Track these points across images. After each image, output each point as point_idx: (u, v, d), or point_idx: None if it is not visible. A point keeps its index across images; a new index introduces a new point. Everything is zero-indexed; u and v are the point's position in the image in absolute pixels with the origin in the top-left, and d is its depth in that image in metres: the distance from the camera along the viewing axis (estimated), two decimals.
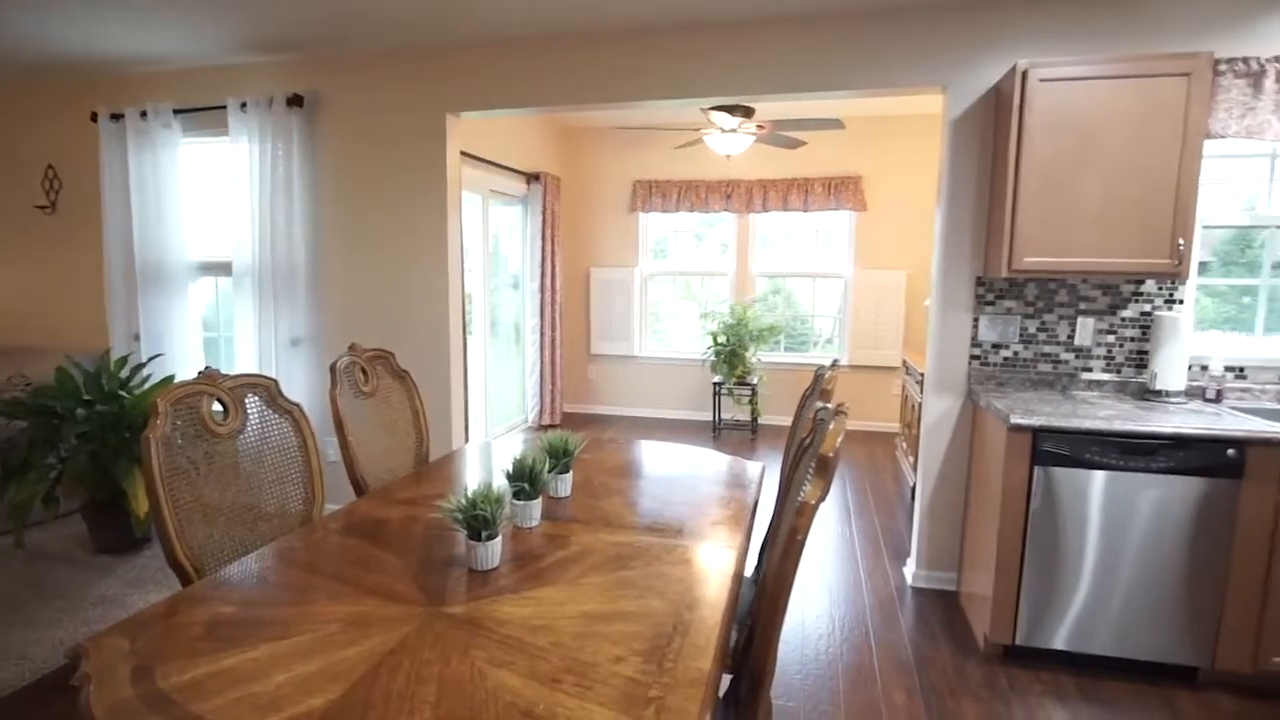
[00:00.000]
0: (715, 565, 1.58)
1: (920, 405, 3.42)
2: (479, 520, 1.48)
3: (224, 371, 1.86)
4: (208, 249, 4.15)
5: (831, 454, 1.14)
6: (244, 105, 3.73)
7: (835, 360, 2.37)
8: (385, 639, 1.25)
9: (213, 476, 1.77)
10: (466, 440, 4.27)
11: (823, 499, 1.17)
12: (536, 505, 1.77)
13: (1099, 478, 2.44)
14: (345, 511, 1.91)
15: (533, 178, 5.91)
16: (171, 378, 3.70)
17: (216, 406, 1.82)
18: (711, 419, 6.23)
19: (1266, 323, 3.01)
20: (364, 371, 2.37)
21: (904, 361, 5.17)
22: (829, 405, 1.30)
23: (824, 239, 6.41)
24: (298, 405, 2.02)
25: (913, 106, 5.52)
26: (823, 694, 2.43)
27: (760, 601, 1.28)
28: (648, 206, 6.52)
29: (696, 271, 6.74)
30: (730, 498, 2.03)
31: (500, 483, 1.78)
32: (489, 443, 2.77)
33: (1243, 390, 2.85)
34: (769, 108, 4.91)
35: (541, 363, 6.17)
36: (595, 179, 6.68)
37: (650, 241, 6.80)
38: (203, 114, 3.86)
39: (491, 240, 5.67)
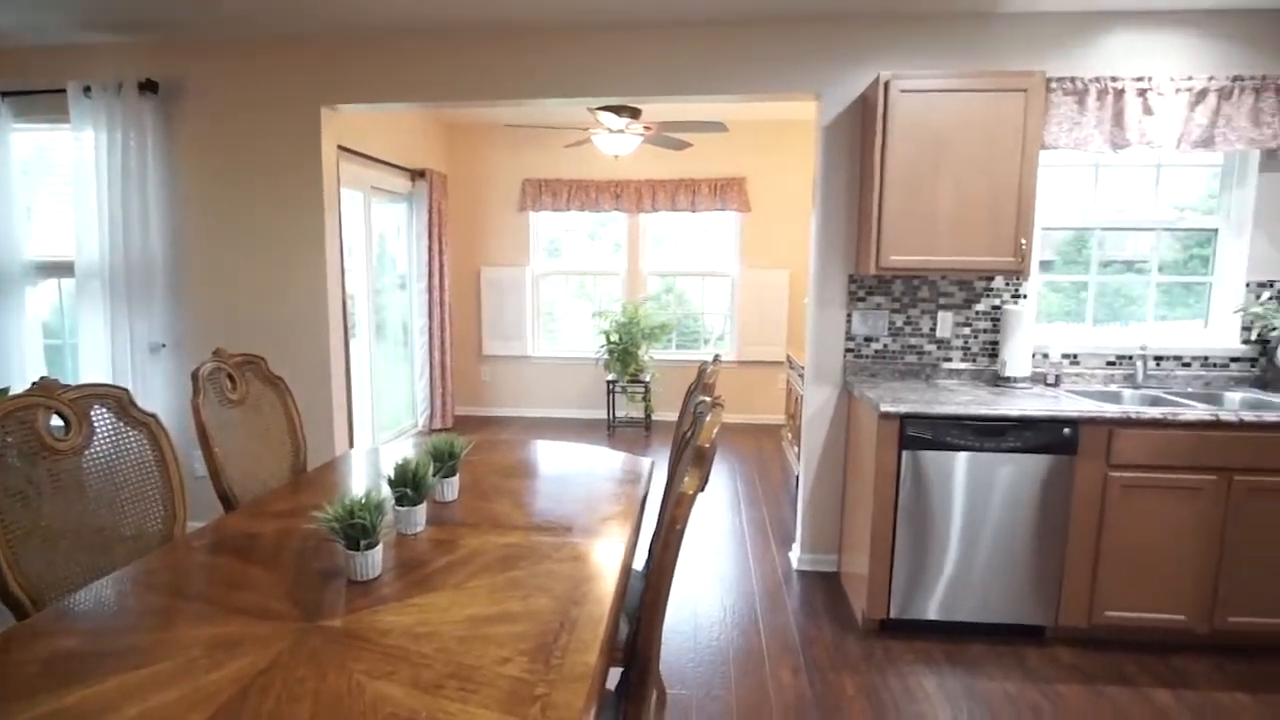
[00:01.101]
0: (604, 560, 1.60)
1: (802, 397, 3.59)
2: (357, 529, 1.42)
3: (68, 382, 1.70)
4: (49, 248, 3.76)
5: (708, 445, 1.19)
6: (88, 90, 3.40)
7: (717, 356, 2.45)
8: (255, 659, 1.19)
9: (56, 498, 1.61)
10: (351, 447, 4.09)
11: (701, 489, 1.21)
12: (421, 511, 1.73)
13: (960, 458, 2.65)
14: (212, 528, 1.79)
15: (418, 175, 5.73)
16: (5, 390, 3.32)
17: (56, 420, 1.65)
18: (606, 417, 6.27)
19: (1095, 315, 3.37)
20: (231, 378, 2.23)
21: (788, 356, 5.40)
22: (707, 399, 1.35)
23: (712, 239, 6.59)
24: (154, 416, 1.87)
25: (793, 112, 5.77)
26: (715, 679, 2.51)
27: (644, 592, 1.31)
28: (538, 205, 6.47)
29: (589, 271, 6.76)
30: (619, 493, 2.06)
31: (383, 489, 1.73)
32: (376, 448, 2.67)
33: (1077, 375, 3.18)
34: (655, 109, 5.00)
35: (431, 365, 6.00)
36: (484, 177, 6.56)
37: (542, 240, 6.75)
38: (38, 98, 3.48)
39: (376, 239, 5.45)
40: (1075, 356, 3.19)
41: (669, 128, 4.90)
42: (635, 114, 4.73)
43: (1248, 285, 3.11)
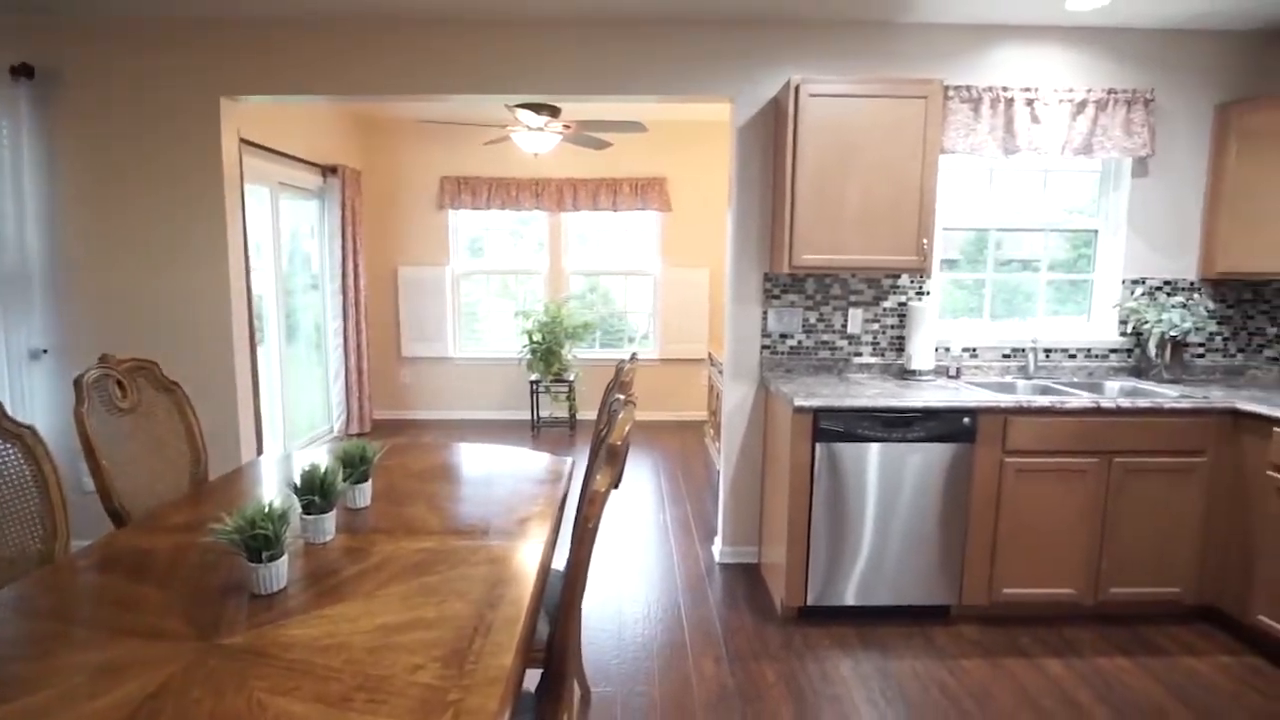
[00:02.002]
0: (522, 561, 1.58)
1: (723, 394, 3.66)
2: (259, 540, 1.37)
3: None
4: None
5: (619, 443, 1.20)
6: None
7: (634, 354, 2.47)
8: (144, 683, 1.12)
9: None
10: (260, 455, 3.90)
11: (614, 486, 1.22)
12: (330, 519, 1.67)
13: (870, 449, 2.77)
14: (100, 546, 1.67)
15: (329, 170, 5.52)
16: None
17: None
18: (530, 417, 6.21)
19: (996, 310, 3.57)
20: (120, 385, 2.09)
21: (709, 354, 5.49)
22: (621, 397, 1.36)
23: (634, 238, 6.62)
24: (30, 428, 1.74)
25: (711, 114, 5.87)
26: (638, 675, 2.53)
27: (561, 591, 1.31)
28: (457, 203, 6.35)
29: (512, 270, 6.68)
30: (539, 494, 2.05)
31: (290, 498, 1.66)
32: (288, 455, 2.56)
33: (976, 367, 3.37)
34: (575, 108, 4.98)
35: (347, 368, 5.79)
36: (400, 174, 6.38)
37: (463, 239, 6.63)
38: None
39: (288, 237, 5.22)
40: (975, 350, 3.37)
41: (588, 127, 4.89)
42: (554, 112, 4.71)
43: (1123, 282, 3.37)
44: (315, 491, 1.63)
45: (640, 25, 3.18)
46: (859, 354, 3.35)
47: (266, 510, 1.39)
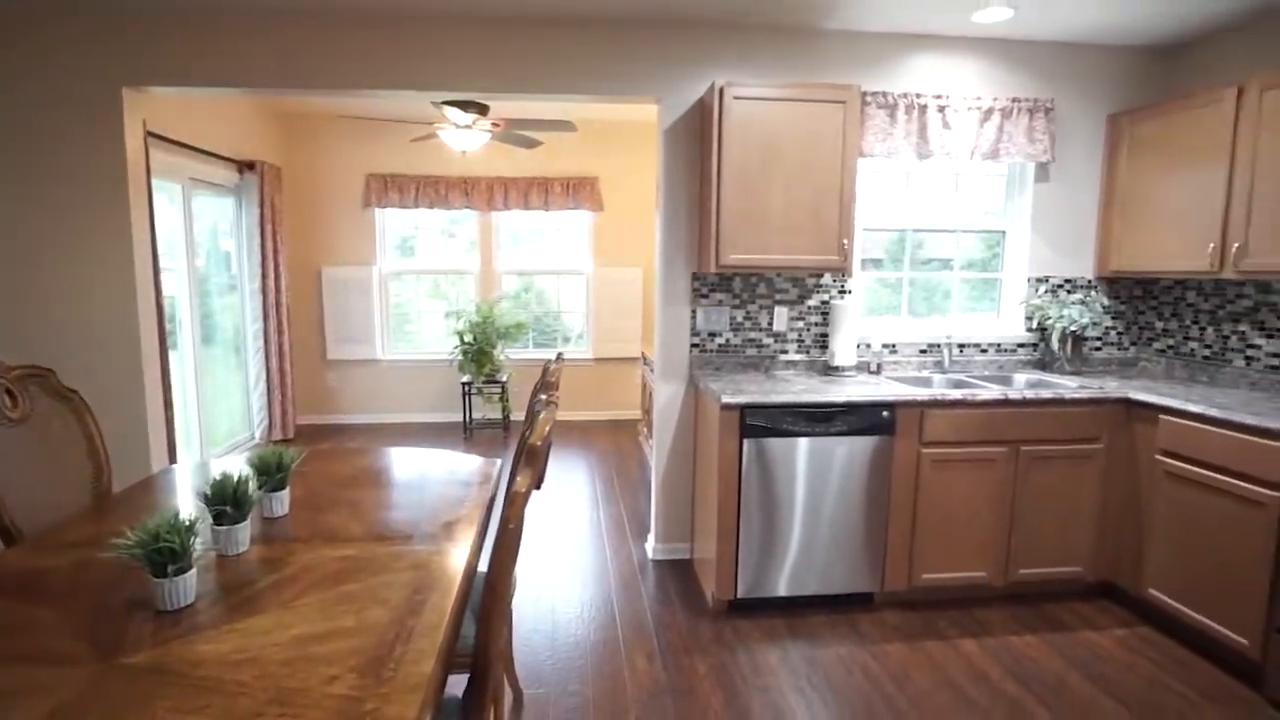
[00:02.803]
0: (446, 566, 1.57)
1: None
2: (164, 553, 1.31)
3: None
4: None
5: (540, 443, 1.20)
6: None
7: (560, 354, 2.47)
8: (33, 711, 1.06)
9: None
10: (173, 464, 3.72)
11: (536, 487, 1.22)
12: (244, 529, 1.61)
13: (796, 444, 2.84)
14: None
15: (246, 166, 5.30)
16: None
17: None
18: (463, 419, 6.11)
19: (918, 308, 3.72)
20: (10, 393, 1.96)
21: (643, 353, 5.53)
22: (543, 397, 1.36)
23: (567, 237, 6.60)
24: None
25: (642, 114, 5.90)
26: (571, 674, 2.54)
27: (483, 594, 1.30)
28: (384, 201, 6.19)
29: (442, 270, 6.56)
30: (465, 497, 2.02)
31: (200, 508, 1.60)
32: (205, 463, 2.45)
33: (895, 362, 3.50)
34: (504, 106, 4.93)
35: (268, 372, 5.57)
36: (323, 171, 6.18)
37: (393, 238, 6.47)
38: None
39: (207, 235, 4.99)
40: (894, 346, 3.51)
41: (518, 125, 4.85)
42: (483, 110, 4.65)
43: (1029, 280, 3.56)
44: (227, 501, 1.57)
45: (566, 25, 3.18)
46: (785, 351, 3.44)
47: (172, 522, 1.33)
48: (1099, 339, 3.61)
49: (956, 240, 3.67)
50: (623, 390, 6.60)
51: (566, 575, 3.35)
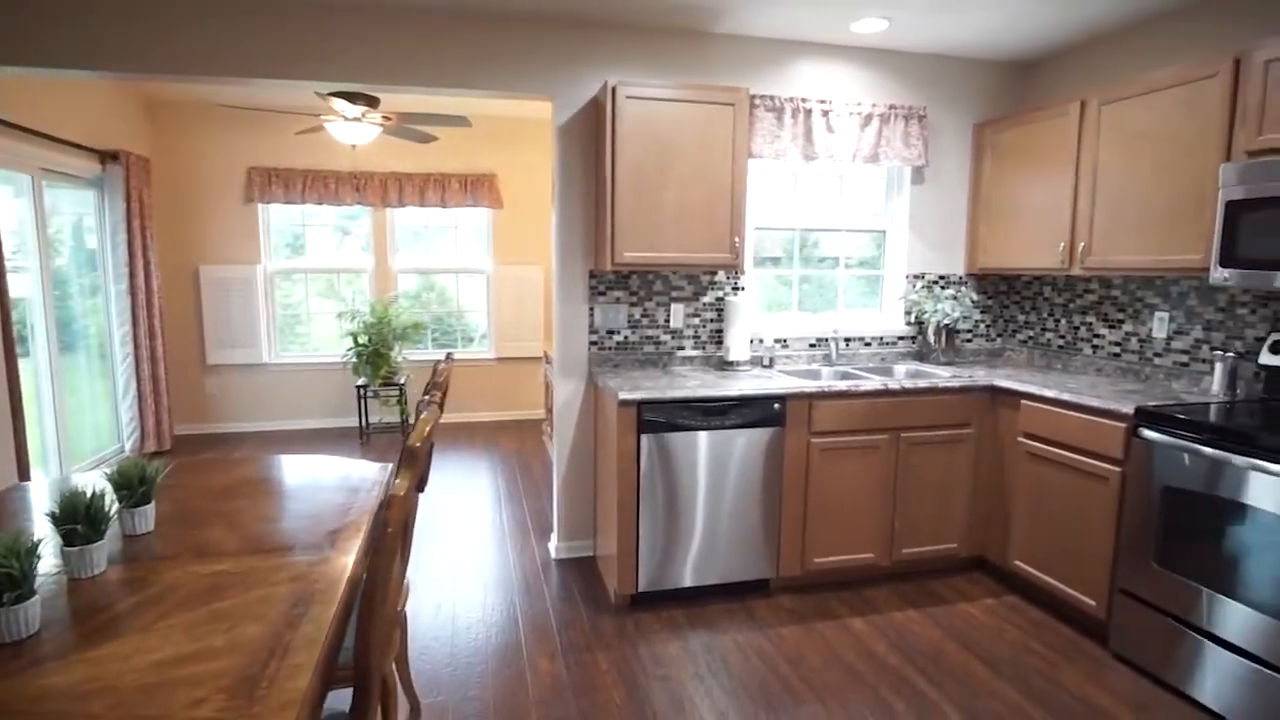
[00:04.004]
0: (328, 577, 1.51)
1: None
2: (0, 580, 1.20)
3: None
4: None
5: (419, 445, 1.18)
6: None
7: (449, 354, 2.42)
8: None
9: None
10: (25, 481, 3.38)
11: (415, 490, 1.20)
12: (99, 549, 1.49)
13: (692, 438, 2.91)
14: None
15: (110, 157, 4.89)
16: None
17: None
18: (359, 424, 5.88)
19: (810, 304, 3.87)
20: None
21: (545, 352, 5.50)
22: (425, 397, 1.33)
23: (468, 235, 6.47)
24: None
25: (540, 111, 5.83)
26: (471, 680, 2.50)
27: (359, 602, 1.27)
28: (267, 197, 5.86)
29: (334, 268, 6.27)
30: (352, 504, 1.96)
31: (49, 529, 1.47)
32: (65, 479, 2.25)
33: (787, 356, 3.64)
34: (396, 99, 4.77)
35: (139, 379, 5.17)
36: (199, 163, 5.78)
37: (282, 235, 6.13)
38: None
39: (64, 233, 4.56)
40: (786, 341, 3.65)
41: (410, 119, 4.71)
42: (373, 102, 4.49)
43: (907, 277, 3.79)
44: (79, 519, 1.45)
45: (457, 17, 3.12)
46: (682, 347, 3.51)
47: (10, 544, 1.22)
48: (970, 331, 3.89)
49: (843, 239, 3.85)
50: (526, 390, 6.54)
51: (468, 579, 3.29)
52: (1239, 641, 2.21)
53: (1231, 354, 2.74)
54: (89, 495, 1.47)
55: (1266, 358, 2.61)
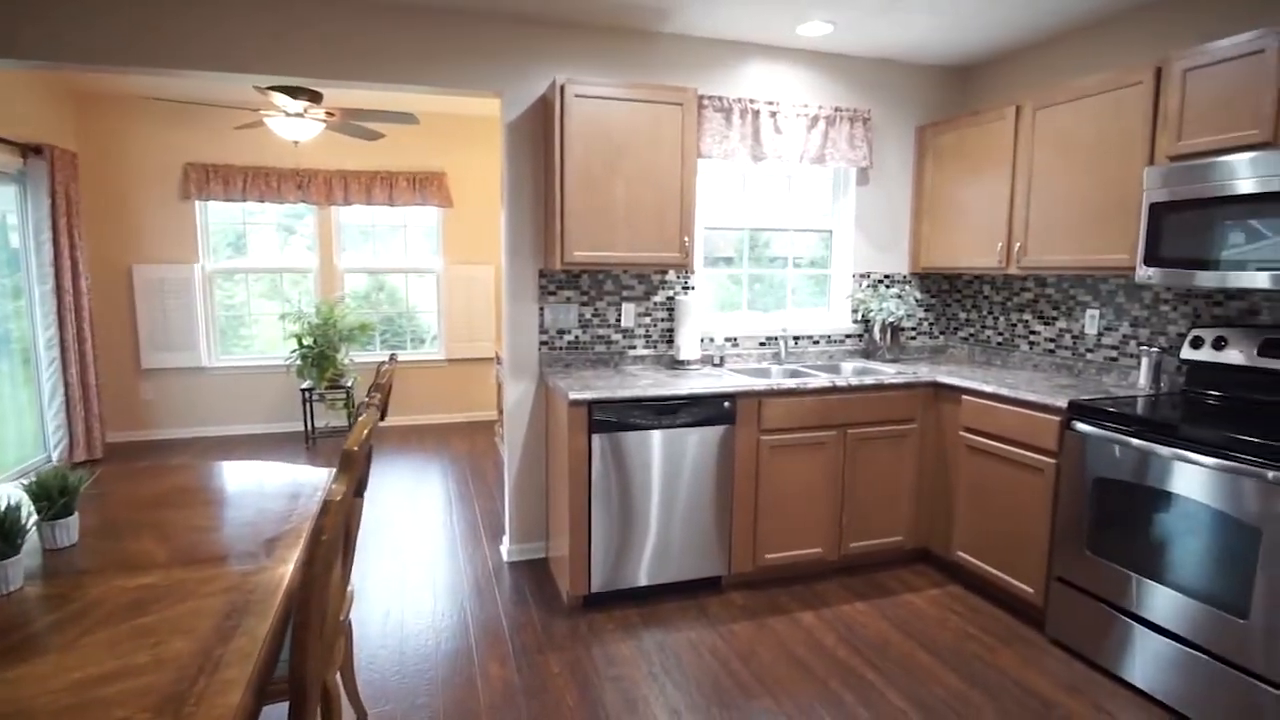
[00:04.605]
0: (264, 587, 1.46)
1: None
2: None
3: None
4: None
5: (356, 449, 1.15)
6: None
7: (393, 355, 2.37)
8: None
9: None
10: None
11: (351, 495, 1.17)
12: (15, 564, 1.42)
13: (644, 437, 2.91)
14: None
15: (32, 150, 4.65)
16: None
17: None
18: (304, 428, 5.72)
19: (761, 303, 3.91)
20: None
21: (497, 353, 5.44)
22: (364, 399, 1.30)
23: (417, 234, 6.35)
24: None
25: (489, 108, 5.76)
26: (420, 688, 2.45)
27: (293, 614, 1.23)
28: (205, 194, 5.65)
29: (277, 268, 6.09)
30: (291, 511, 1.90)
31: None
32: None
33: (737, 355, 3.68)
34: (340, 95, 4.66)
35: (67, 384, 4.93)
36: (131, 158, 5.54)
37: (218, 234, 5.92)
38: None
39: None
40: (736, 340, 3.68)
41: (355, 115, 4.60)
42: (315, 97, 4.37)
43: (854, 276, 3.86)
44: None
45: (403, 11, 3.05)
46: (633, 347, 3.51)
47: None
48: (914, 329, 3.99)
49: (792, 239, 3.90)
50: (478, 391, 6.46)
51: (417, 585, 3.23)
52: (1166, 624, 2.31)
53: (1156, 349, 2.87)
54: (2, 507, 1.39)
55: (1187, 352, 2.74)
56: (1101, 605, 2.52)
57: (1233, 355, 2.59)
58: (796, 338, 3.78)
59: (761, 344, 3.72)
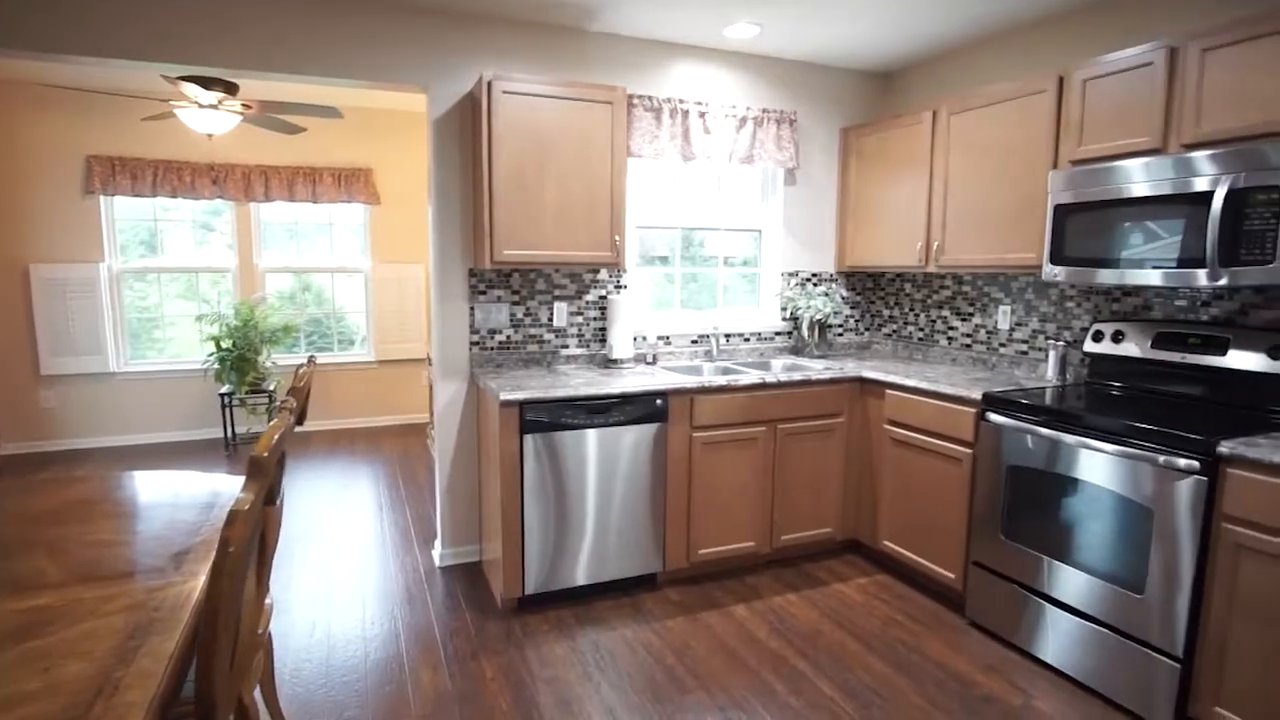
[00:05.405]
0: (170, 604, 1.39)
1: None
2: None
3: None
4: None
5: (265, 454, 1.10)
6: None
7: (311, 357, 2.29)
8: None
9: None
10: None
11: (260, 504, 1.12)
12: None
13: (578, 436, 2.90)
14: None
15: None
16: None
17: None
18: (224, 435, 5.47)
19: (696, 301, 3.94)
20: None
21: (428, 354, 5.32)
22: (277, 403, 1.25)
23: (344, 232, 6.15)
24: None
25: (417, 104, 5.65)
26: (348, 700, 2.38)
27: (198, 630, 1.17)
28: (111, 188, 5.33)
29: (192, 267, 5.79)
30: (203, 521, 1.81)
31: None
32: None
33: (670, 353, 3.71)
34: (258, 86, 4.47)
35: None
36: (26, 150, 5.17)
37: (129, 231, 5.59)
38: None
39: None
40: (668, 338, 3.70)
41: (274, 108, 4.42)
42: (230, 89, 4.18)
43: (783, 275, 3.94)
44: None
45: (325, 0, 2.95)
46: (566, 346, 3.49)
47: None
48: (841, 326, 4.10)
49: (724, 238, 3.96)
50: (409, 393, 6.31)
51: (345, 595, 3.13)
52: (1073, 603, 2.45)
53: (1062, 343, 3.03)
54: None
55: (1090, 345, 2.91)
56: (1015, 587, 2.65)
57: (1130, 348, 2.76)
58: (728, 335, 3.83)
59: (694, 342, 3.76)
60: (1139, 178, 2.43)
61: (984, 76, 3.47)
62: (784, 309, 3.94)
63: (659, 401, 3.00)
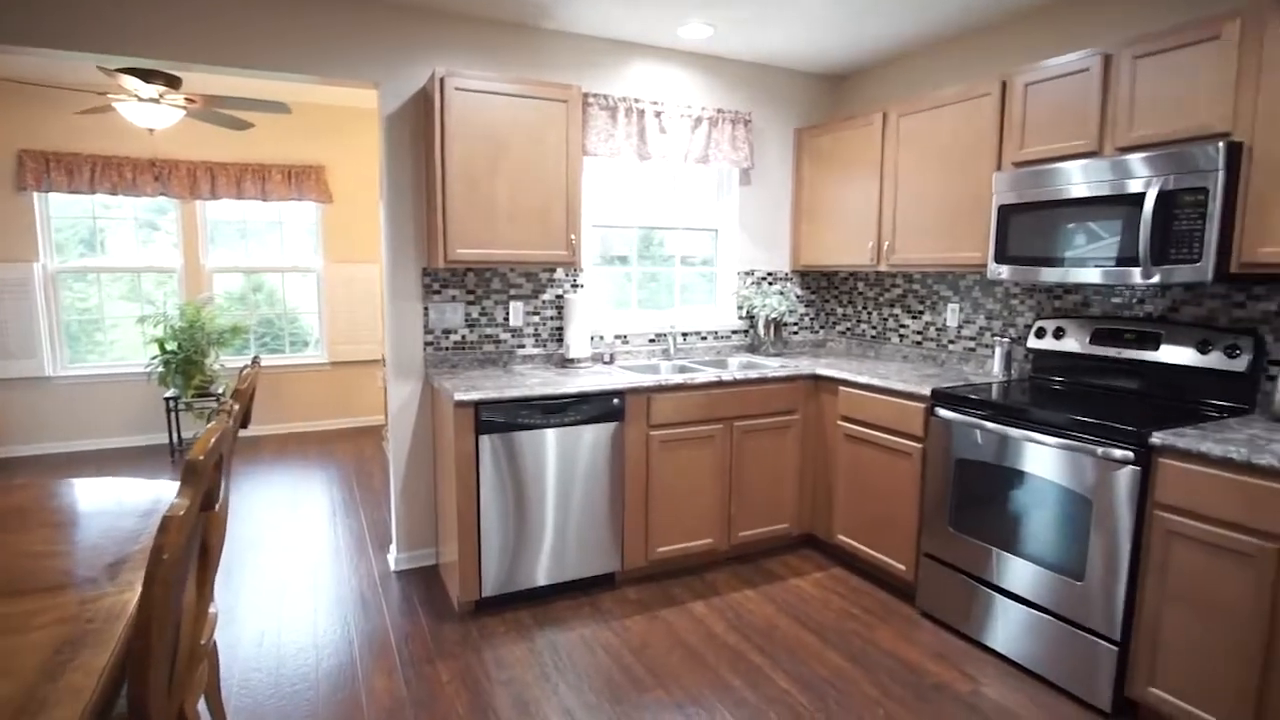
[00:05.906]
0: (104, 616, 1.34)
1: None
2: None
3: None
4: None
5: (201, 458, 1.07)
6: None
7: (256, 358, 2.23)
8: None
9: None
10: None
11: (196, 509, 1.09)
12: None
13: (534, 436, 2.88)
14: None
15: None
16: None
17: None
18: (169, 440, 5.30)
19: (655, 300, 3.94)
20: None
21: (383, 355, 5.23)
22: (215, 405, 1.21)
23: (296, 231, 6.00)
24: None
25: (369, 100, 5.54)
26: (299, 710, 2.33)
27: (130, 641, 1.13)
28: (46, 185, 5.11)
29: (135, 267, 5.59)
30: (140, 530, 1.75)
31: None
32: None
33: (627, 352, 3.71)
34: (202, 80, 4.34)
35: None
36: None
37: (67, 230, 5.36)
38: None
39: None
40: (626, 337, 3.71)
41: (219, 103, 4.29)
42: (173, 82, 4.05)
43: (739, 274, 3.98)
44: None
45: None
46: (522, 345, 3.47)
47: None
48: (796, 324, 4.15)
49: (682, 237, 3.97)
50: (364, 395, 6.19)
51: (297, 602, 3.06)
52: (1020, 591, 2.52)
53: (1008, 339, 3.12)
54: None
55: (1033, 342, 3.00)
56: (964, 578, 2.72)
57: (1070, 343, 2.86)
58: (685, 334, 3.85)
59: (651, 341, 3.77)
60: (1078, 179, 2.51)
61: (933, 80, 3.55)
62: (740, 308, 3.98)
63: (616, 400, 3.00)
